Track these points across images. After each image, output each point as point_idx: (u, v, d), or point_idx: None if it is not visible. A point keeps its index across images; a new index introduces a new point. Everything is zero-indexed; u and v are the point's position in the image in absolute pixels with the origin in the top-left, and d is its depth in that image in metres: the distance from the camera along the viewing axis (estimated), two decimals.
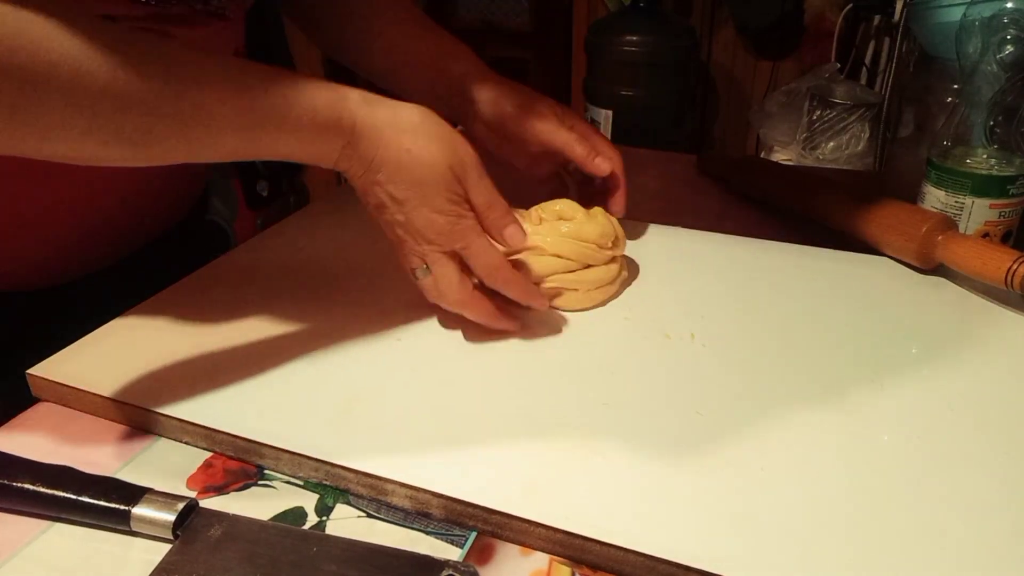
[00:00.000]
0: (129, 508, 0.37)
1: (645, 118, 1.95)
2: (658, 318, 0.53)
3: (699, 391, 0.45)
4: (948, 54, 0.63)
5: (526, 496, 0.37)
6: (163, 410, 0.43)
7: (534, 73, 2.41)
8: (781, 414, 0.43)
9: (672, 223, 0.67)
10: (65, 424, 0.45)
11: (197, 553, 0.36)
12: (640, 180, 0.83)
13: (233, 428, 0.42)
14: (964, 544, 0.35)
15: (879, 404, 0.44)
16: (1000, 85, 0.57)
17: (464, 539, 0.37)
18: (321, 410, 0.43)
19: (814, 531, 0.35)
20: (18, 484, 0.38)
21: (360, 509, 0.39)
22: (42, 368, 0.47)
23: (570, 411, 0.43)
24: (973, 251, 0.54)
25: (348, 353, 0.49)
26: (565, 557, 0.36)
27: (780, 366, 0.48)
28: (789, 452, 0.40)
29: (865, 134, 1.84)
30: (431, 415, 0.43)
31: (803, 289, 0.57)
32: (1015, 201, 0.58)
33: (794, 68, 2.08)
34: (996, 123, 0.58)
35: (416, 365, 0.48)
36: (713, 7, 2.10)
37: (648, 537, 0.35)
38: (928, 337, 0.51)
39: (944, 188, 0.60)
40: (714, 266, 0.60)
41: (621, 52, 1.91)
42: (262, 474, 0.42)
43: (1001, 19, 0.57)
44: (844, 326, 0.52)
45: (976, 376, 0.47)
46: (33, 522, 0.38)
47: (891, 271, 0.60)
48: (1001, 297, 0.55)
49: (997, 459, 0.40)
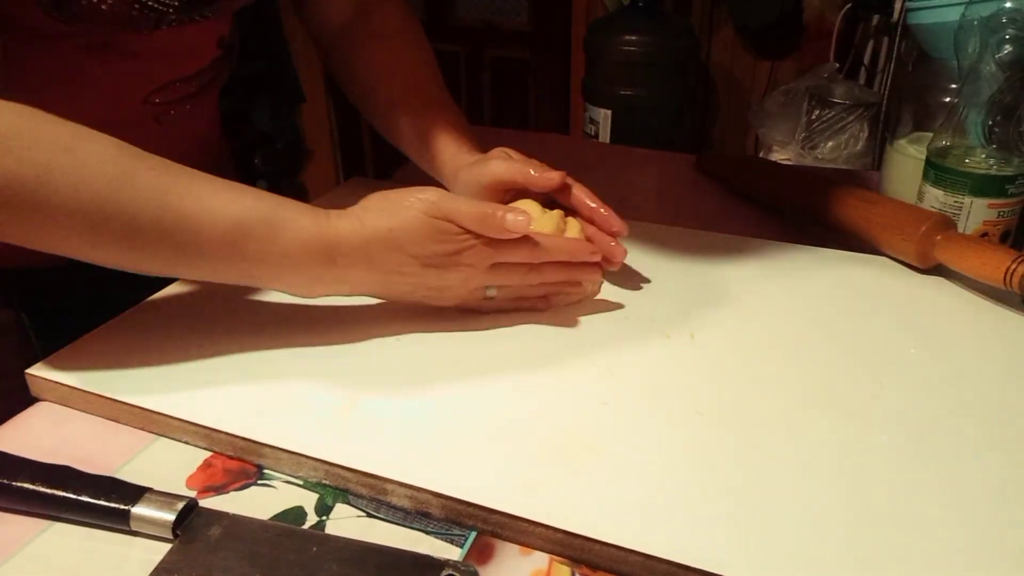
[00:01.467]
0: (129, 508, 0.37)
1: (645, 118, 1.95)
2: (658, 318, 0.53)
3: (699, 391, 0.45)
4: (947, 54, 0.63)
5: (526, 496, 0.37)
6: (163, 410, 0.43)
7: (534, 73, 2.41)
8: (780, 414, 0.43)
9: (672, 223, 0.67)
10: (65, 424, 0.45)
11: (197, 553, 0.36)
12: (639, 180, 0.83)
13: (233, 428, 0.42)
14: (964, 544, 0.35)
15: (878, 404, 0.44)
16: (999, 85, 0.57)
17: (464, 539, 0.37)
18: (321, 410, 0.43)
19: (814, 531, 0.35)
20: (18, 484, 0.38)
21: (360, 509, 0.39)
22: (42, 368, 0.47)
23: (570, 411, 0.43)
24: (972, 251, 0.54)
25: (348, 353, 0.49)
26: (565, 557, 0.36)
27: (780, 366, 0.48)
28: (789, 452, 0.40)
29: (864, 134, 1.84)
30: (431, 415, 0.43)
31: (803, 289, 0.57)
32: (1014, 201, 0.58)
33: (793, 68, 2.08)
34: (995, 123, 0.58)
35: (416, 365, 0.48)
36: (712, 7, 2.10)
37: (648, 537, 0.35)
38: (927, 337, 0.51)
39: (943, 188, 0.60)
40: (714, 266, 0.60)
41: (620, 52, 1.91)
42: (262, 474, 0.42)
43: (999, 19, 0.57)
44: (843, 326, 0.52)
45: (975, 376, 0.47)
46: (33, 522, 0.38)
47: (890, 271, 0.60)
48: (1000, 297, 0.55)
49: (996, 459, 0.40)
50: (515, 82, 2.44)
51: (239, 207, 0.44)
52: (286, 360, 0.48)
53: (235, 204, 0.44)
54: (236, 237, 0.44)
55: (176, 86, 0.58)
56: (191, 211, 0.43)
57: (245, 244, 0.44)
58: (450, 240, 0.47)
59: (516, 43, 2.40)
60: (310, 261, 0.46)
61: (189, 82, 0.60)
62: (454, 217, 0.47)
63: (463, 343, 0.50)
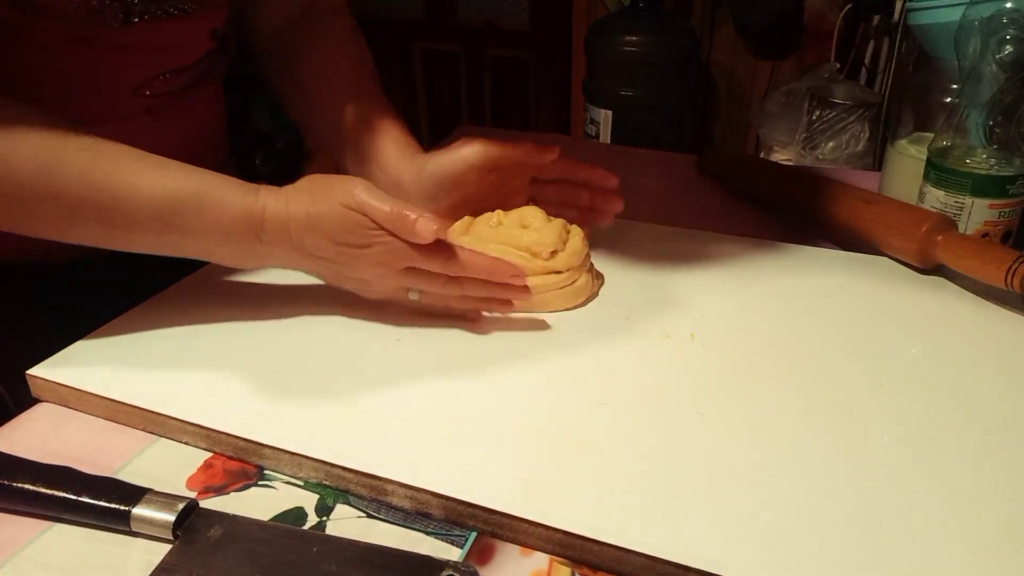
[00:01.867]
0: (129, 508, 0.37)
1: (645, 118, 1.95)
2: (658, 318, 0.53)
3: (699, 391, 0.45)
4: (947, 54, 0.63)
5: (526, 496, 0.37)
6: (163, 410, 0.43)
7: (534, 73, 2.41)
8: (781, 414, 0.43)
9: (672, 223, 0.67)
10: (65, 424, 0.45)
11: (197, 553, 0.36)
12: (640, 180, 0.83)
13: (233, 428, 0.42)
14: (964, 544, 0.35)
15: (879, 404, 0.44)
16: (999, 85, 0.57)
17: (464, 539, 0.37)
18: (321, 410, 0.43)
19: (814, 531, 0.35)
20: (18, 484, 0.38)
21: (360, 509, 0.39)
22: (42, 368, 0.47)
23: (570, 411, 0.43)
24: (973, 251, 0.54)
25: (348, 353, 0.49)
26: (565, 557, 0.36)
27: (780, 366, 0.48)
28: (789, 452, 0.40)
29: (865, 134, 1.84)
30: (431, 415, 0.43)
31: (803, 289, 0.57)
32: (1015, 201, 0.58)
33: (794, 68, 2.08)
34: (995, 123, 0.58)
35: (416, 365, 0.47)
36: (713, 7, 2.10)
37: (648, 537, 0.35)
38: (928, 337, 0.51)
39: (944, 188, 0.60)
40: (714, 266, 0.60)
41: (621, 52, 1.91)
42: (262, 474, 0.42)
43: (1000, 19, 0.57)
44: (844, 326, 0.52)
45: (976, 376, 0.47)
46: (33, 522, 0.38)
47: (891, 271, 0.60)
48: (1001, 297, 0.55)
49: (997, 459, 0.40)
50: (515, 82, 2.44)
51: (168, 183, 0.46)
52: (286, 361, 0.48)
53: (164, 180, 0.46)
54: (164, 212, 0.46)
55: (166, 78, 0.58)
56: (119, 191, 0.45)
57: (173, 219, 0.46)
58: (361, 233, 0.47)
59: (516, 43, 2.40)
60: (237, 235, 0.47)
61: (180, 75, 0.59)
62: (368, 211, 0.46)
63: (463, 344, 0.50)
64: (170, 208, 0.46)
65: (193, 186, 0.46)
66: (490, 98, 2.52)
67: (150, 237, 0.47)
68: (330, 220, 0.46)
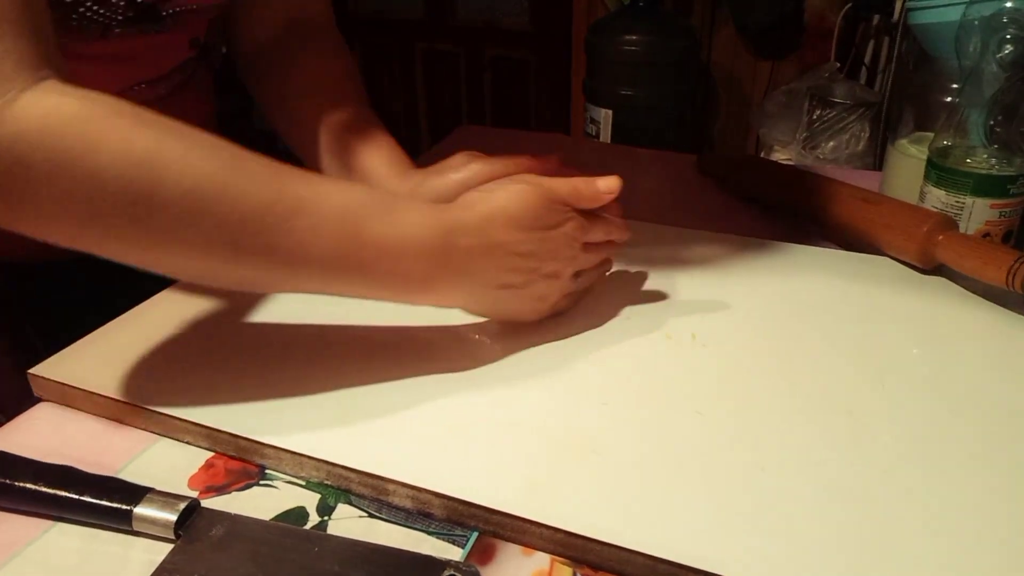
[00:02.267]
0: (131, 508, 0.37)
1: (645, 118, 1.95)
2: (658, 318, 0.53)
3: (699, 391, 0.45)
4: (948, 54, 0.63)
5: (527, 496, 0.37)
6: (164, 410, 0.43)
7: (534, 73, 2.41)
8: (781, 414, 0.43)
9: (672, 223, 0.67)
10: (66, 424, 0.45)
11: (199, 553, 0.36)
12: (640, 180, 0.83)
13: (234, 428, 0.42)
14: (964, 544, 0.35)
15: (879, 404, 0.44)
16: (1000, 85, 0.57)
17: (466, 539, 0.37)
18: (323, 410, 0.43)
19: (814, 531, 0.35)
20: (20, 484, 0.38)
21: (362, 509, 0.39)
22: (43, 368, 0.47)
23: (570, 411, 0.43)
24: (974, 251, 0.54)
25: (350, 353, 0.49)
26: (566, 557, 0.36)
27: (780, 366, 0.48)
28: (789, 452, 0.40)
29: (865, 134, 1.84)
30: (432, 415, 0.43)
31: (803, 289, 0.57)
32: (1016, 201, 0.58)
33: (794, 68, 2.08)
34: (996, 123, 0.58)
35: (418, 365, 0.47)
36: (713, 7, 2.10)
37: (649, 537, 0.35)
38: (929, 337, 0.51)
39: (944, 188, 0.60)
40: (714, 266, 0.60)
41: (621, 52, 1.91)
42: (263, 474, 0.42)
43: (1000, 19, 0.57)
44: (845, 326, 0.52)
45: (977, 376, 0.47)
46: (35, 522, 0.38)
47: (891, 271, 0.60)
48: (1002, 297, 0.55)
49: (997, 459, 0.40)
50: (515, 82, 2.44)
51: (350, 192, 0.44)
52: (287, 360, 0.48)
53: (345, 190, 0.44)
54: (349, 221, 0.42)
55: (142, 88, 0.57)
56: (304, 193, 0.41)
57: (360, 229, 0.42)
58: (557, 209, 0.47)
59: (516, 43, 2.40)
60: (431, 247, 0.44)
61: (156, 85, 0.58)
62: (554, 187, 0.47)
63: (463, 344, 0.50)
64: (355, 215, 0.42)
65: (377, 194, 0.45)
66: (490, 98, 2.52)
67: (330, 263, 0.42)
68: (530, 203, 0.46)
